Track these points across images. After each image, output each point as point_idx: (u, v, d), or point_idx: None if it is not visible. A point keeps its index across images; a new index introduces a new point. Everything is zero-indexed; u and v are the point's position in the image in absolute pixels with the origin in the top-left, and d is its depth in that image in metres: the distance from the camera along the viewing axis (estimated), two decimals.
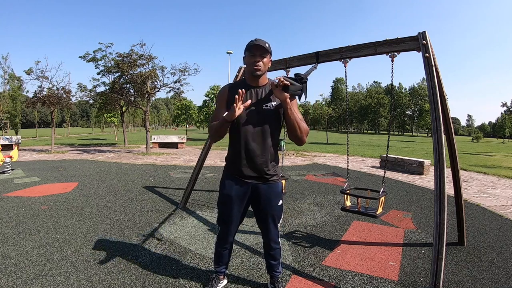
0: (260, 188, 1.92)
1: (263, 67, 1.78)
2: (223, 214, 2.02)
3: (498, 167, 10.31)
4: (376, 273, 2.58)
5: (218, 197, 2.04)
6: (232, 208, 1.96)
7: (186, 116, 31.13)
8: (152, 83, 12.75)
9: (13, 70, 22.97)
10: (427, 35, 2.48)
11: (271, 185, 1.94)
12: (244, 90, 1.75)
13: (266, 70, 1.83)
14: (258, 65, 1.76)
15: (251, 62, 1.77)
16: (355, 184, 6.07)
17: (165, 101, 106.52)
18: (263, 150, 1.86)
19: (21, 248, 2.94)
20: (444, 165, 2.33)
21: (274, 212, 1.99)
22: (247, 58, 1.80)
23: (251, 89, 1.85)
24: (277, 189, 1.98)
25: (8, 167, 7.10)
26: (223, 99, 1.88)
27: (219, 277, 2.25)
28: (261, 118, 1.83)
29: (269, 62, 1.84)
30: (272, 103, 1.84)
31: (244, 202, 1.98)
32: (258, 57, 1.76)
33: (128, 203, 4.64)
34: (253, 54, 1.76)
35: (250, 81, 1.87)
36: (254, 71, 1.78)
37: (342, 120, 73.39)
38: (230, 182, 1.95)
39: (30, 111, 45.75)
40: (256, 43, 1.75)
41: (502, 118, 51.56)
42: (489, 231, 3.70)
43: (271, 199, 1.95)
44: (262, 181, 1.92)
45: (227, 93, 1.88)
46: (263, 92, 1.85)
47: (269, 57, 1.82)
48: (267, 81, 1.90)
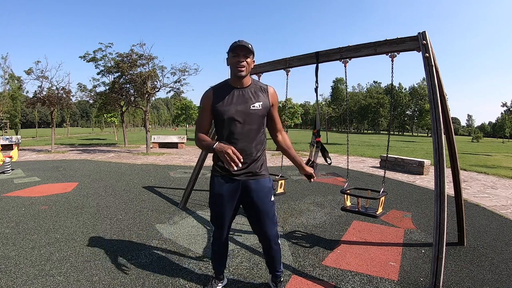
0: (250, 183, 1.93)
1: (247, 67, 1.80)
2: (216, 213, 2.02)
3: (498, 167, 10.31)
4: (376, 273, 2.58)
5: (209, 197, 2.03)
6: (225, 207, 1.96)
7: (186, 116, 31.12)
8: (152, 83, 12.76)
9: (12, 70, 22.97)
10: (427, 35, 2.48)
11: (260, 180, 1.95)
12: (231, 93, 1.85)
13: (249, 70, 1.85)
14: (242, 65, 1.78)
15: (235, 62, 1.79)
16: (355, 184, 6.07)
17: (165, 101, 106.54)
18: (251, 149, 1.89)
19: (21, 248, 2.94)
20: (444, 165, 2.33)
21: (267, 208, 1.98)
22: (231, 59, 1.80)
23: (235, 90, 1.88)
24: (267, 183, 1.99)
25: (8, 167, 7.10)
26: (208, 103, 1.89)
27: (219, 277, 2.26)
28: (249, 119, 1.85)
29: (252, 63, 1.87)
30: (258, 103, 1.87)
31: (236, 199, 1.97)
32: (242, 57, 1.78)
33: (128, 203, 4.64)
34: (237, 54, 1.78)
35: (233, 82, 1.88)
36: (238, 71, 1.79)
37: (342, 120, 73.37)
38: (219, 181, 1.95)
39: (30, 111, 45.78)
40: (239, 44, 1.77)
41: (502, 118, 51.63)
42: (489, 231, 3.70)
43: (262, 194, 1.95)
44: (251, 177, 1.93)
45: (212, 96, 1.89)
46: (249, 93, 1.88)
47: (252, 57, 1.85)
48: (250, 81, 1.92)
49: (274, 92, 1.98)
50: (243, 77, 1.83)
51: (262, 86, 1.95)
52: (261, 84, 1.96)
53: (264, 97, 1.91)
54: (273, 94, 1.96)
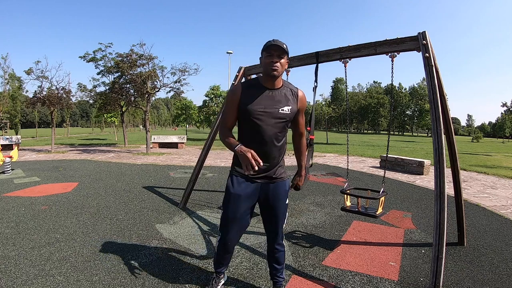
0: (270, 187, 1.93)
1: (280, 68, 1.74)
2: (228, 215, 1.92)
3: (498, 167, 10.31)
4: (376, 273, 2.58)
5: (224, 197, 1.96)
6: (240, 207, 1.89)
7: (186, 116, 31.12)
8: (152, 83, 12.76)
9: (13, 70, 22.97)
10: (427, 35, 2.48)
11: (279, 183, 1.95)
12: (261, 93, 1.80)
13: (283, 71, 1.79)
14: (275, 65, 1.72)
15: (269, 63, 1.72)
16: (355, 184, 6.08)
17: (165, 101, 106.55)
18: (274, 152, 1.86)
19: (21, 248, 2.94)
20: (444, 165, 2.33)
21: (281, 211, 1.98)
22: (264, 59, 1.75)
23: (267, 90, 1.82)
24: (285, 187, 1.98)
25: (8, 167, 7.10)
26: (236, 99, 1.81)
27: (219, 277, 2.24)
28: (276, 121, 1.81)
29: (286, 64, 1.80)
30: (288, 107, 1.82)
31: (253, 202, 1.95)
32: (276, 57, 1.72)
33: (128, 203, 4.64)
34: (271, 54, 1.72)
35: (265, 82, 1.81)
36: (271, 71, 1.73)
37: (342, 120, 73.37)
38: (239, 180, 1.91)
39: (30, 111, 45.71)
40: (274, 43, 1.71)
41: (502, 118, 51.61)
42: (489, 231, 3.70)
43: (280, 197, 1.95)
44: (271, 180, 1.93)
45: (240, 92, 1.82)
46: (280, 95, 1.83)
47: (287, 58, 1.78)
48: (282, 83, 1.86)
49: (303, 96, 1.93)
50: (276, 77, 1.77)
51: (293, 89, 1.88)
52: (292, 87, 1.89)
53: (293, 101, 1.85)
54: (302, 99, 1.91)
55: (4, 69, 20.95)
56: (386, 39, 2.74)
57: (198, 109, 28.94)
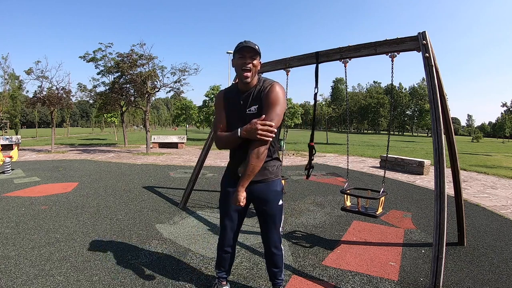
0: (257, 187, 1.87)
1: (253, 69, 1.74)
2: (221, 210, 2.04)
3: (498, 167, 10.31)
4: (376, 273, 2.58)
5: (219, 196, 2.07)
6: (229, 204, 1.92)
7: (186, 116, 31.14)
8: (152, 83, 12.77)
9: (13, 70, 22.97)
10: (427, 35, 2.48)
11: (269, 183, 1.89)
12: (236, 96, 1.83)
13: (256, 72, 1.79)
14: (247, 67, 1.72)
15: (241, 64, 1.72)
16: (355, 184, 6.08)
17: (165, 101, 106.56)
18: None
19: (21, 248, 2.94)
20: (444, 165, 2.33)
21: (272, 213, 1.92)
22: (236, 61, 1.74)
23: (240, 93, 1.82)
24: (274, 187, 1.91)
25: (8, 167, 7.10)
26: (220, 105, 1.91)
27: (221, 283, 2.19)
28: (246, 123, 1.72)
29: (259, 64, 1.79)
30: (254, 107, 1.77)
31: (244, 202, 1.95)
32: (248, 58, 1.71)
33: (128, 203, 4.64)
34: (243, 56, 1.72)
35: (240, 85, 1.82)
36: (244, 78, 1.73)
37: (342, 120, 73.36)
38: (229, 180, 1.97)
39: (30, 111, 45.77)
40: (246, 45, 1.70)
41: (502, 118, 51.59)
42: (489, 231, 3.70)
43: (268, 199, 1.90)
44: (257, 182, 1.86)
45: (223, 99, 1.90)
46: (248, 96, 1.80)
47: (259, 59, 1.78)
48: (255, 82, 1.81)
49: (271, 89, 1.72)
50: (248, 83, 1.77)
51: (265, 86, 1.77)
52: (266, 84, 1.78)
53: (260, 99, 1.76)
54: (267, 93, 1.72)
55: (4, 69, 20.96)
56: (386, 39, 2.74)
57: (198, 109, 28.96)
